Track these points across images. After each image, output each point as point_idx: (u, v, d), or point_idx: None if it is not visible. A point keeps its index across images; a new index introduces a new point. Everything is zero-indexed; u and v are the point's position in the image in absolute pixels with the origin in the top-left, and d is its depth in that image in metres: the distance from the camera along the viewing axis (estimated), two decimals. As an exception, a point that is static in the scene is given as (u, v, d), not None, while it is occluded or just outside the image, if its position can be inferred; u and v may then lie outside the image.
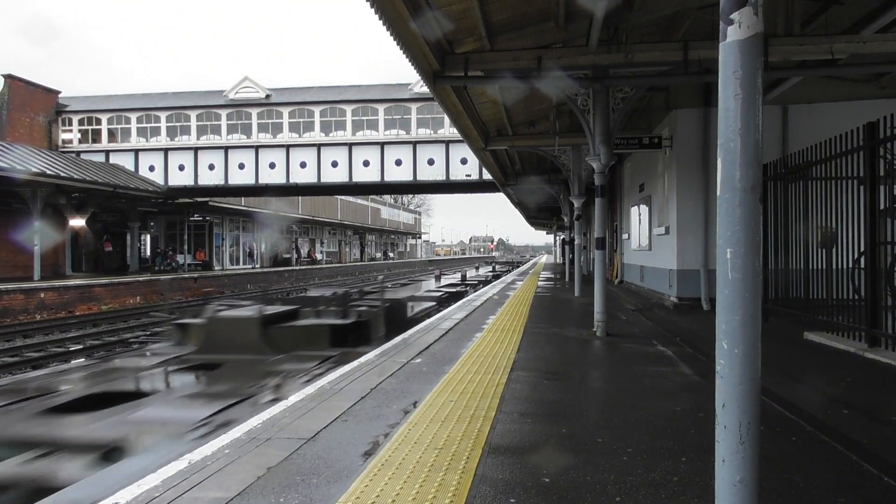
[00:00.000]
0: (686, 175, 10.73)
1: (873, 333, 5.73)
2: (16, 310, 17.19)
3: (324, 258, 48.33)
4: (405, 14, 6.24)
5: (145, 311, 19.78)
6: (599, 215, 7.83)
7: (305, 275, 37.91)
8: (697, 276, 10.50)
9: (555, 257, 52.43)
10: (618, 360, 5.86)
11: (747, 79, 1.76)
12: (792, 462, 2.97)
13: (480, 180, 25.05)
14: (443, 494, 2.50)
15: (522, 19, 7.70)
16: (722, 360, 1.81)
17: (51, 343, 13.79)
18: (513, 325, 7.98)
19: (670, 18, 8.57)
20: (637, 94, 7.76)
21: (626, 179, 17.48)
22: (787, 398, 4.16)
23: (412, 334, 7.14)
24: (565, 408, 4.03)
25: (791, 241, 7.50)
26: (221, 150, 26.49)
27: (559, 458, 2.97)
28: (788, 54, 7.02)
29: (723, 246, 1.80)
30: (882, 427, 3.69)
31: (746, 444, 1.76)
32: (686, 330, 7.95)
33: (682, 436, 3.35)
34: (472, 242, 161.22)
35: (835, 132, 6.28)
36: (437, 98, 9.58)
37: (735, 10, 1.76)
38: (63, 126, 27.62)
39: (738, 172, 1.77)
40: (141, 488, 2.55)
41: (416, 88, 25.20)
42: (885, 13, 7.43)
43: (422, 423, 3.50)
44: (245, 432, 3.31)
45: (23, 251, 21.53)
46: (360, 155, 25.93)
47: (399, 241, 75.70)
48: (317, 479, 2.67)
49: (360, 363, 5.32)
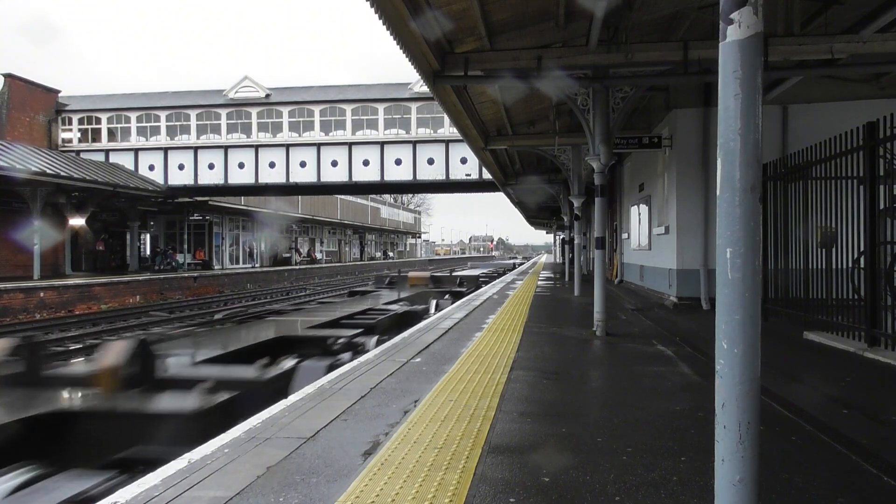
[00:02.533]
0: (686, 175, 10.73)
1: (873, 333, 5.73)
2: (16, 309, 17.19)
3: (323, 258, 48.32)
4: (405, 14, 6.24)
5: (145, 311, 19.77)
6: (599, 215, 7.83)
7: (305, 274, 37.90)
8: (697, 275, 10.50)
9: (554, 257, 52.43)
10: (617, 360, 5.86)
11: (747, 78, 1.76)
12: (791, 462, 2.97)
13: (480, 180, 25.05)
14: (442, 494, 2.50)
15: (522, 19, 7.69)
16: (722, 360, 1.81)
17: (51, 342, 13.78)
18: (512, 325, 7.98)
19: (670, 18, 8.57)
20: (637, 93, 7.76)
21: (626, 179, 17.48)
22: (787, 398, 4.16)
23: (412, 333, 7.14)
24: (565, 407, 4.04)
25: (791, 241, 7.50)
26: (221, 150, 26.48)
27: (559, 458, 2.97)
28: (788, 54, 7.02)
29: (723, 245, 1.80)
30: (882, 427, 3.69)
31: (746, 444, 1.76)
32: (686, 330, 7.95)
33: (681, 435, 3.35)
34: (471, 242, 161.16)
35: (834, 132, 6.28)
36: (436, 98, 9.58)
37: (735, 9, 1.76)
38: (63, 125, 27.60)
39: (738, 172, 1.77)
40: (141, 487, 2.55)
41: (416, 88, 25.19)
42: (884, 13, 7.42)
43: (421, 423, 3.50)
44: (244, 431, 3.31)
45: (22, 250, 21.52)
46: (359, 154, 25.91)
47: (399, 241, 75.70)
48: (316, 479, 2.67)
49: (359, 362, 5.32)
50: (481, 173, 24.31)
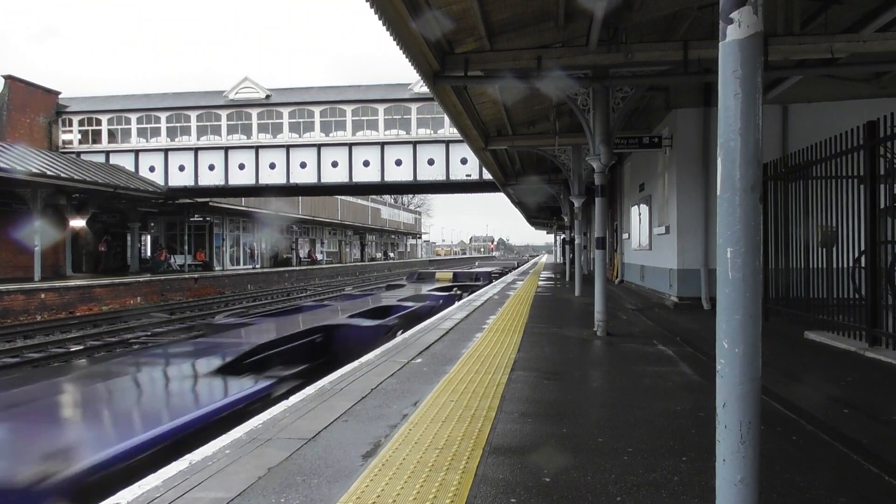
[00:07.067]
0: (686, 174, 10.72)
1: (874, 333, 5.72)
2: (16, 310, 17.19)
3: (324, 258, 48.34)
4: (405, 14, 6.24)
5: (146, 312, 19.78)
6: (599, 215, 7.83)
7: (306, 275, 37.91)
8: (698, 275, 10.50)
9: (555, 257, 52.40)
10: (618, 360, 5.86)
11: (747, 78, 1.76)
12: (793, 461, 2.97)
13: (480, 180, 25.05)
14: (443, 495, 2.50)
15: (522, 19, 7.70)
16: (722, 360, 1.80)
17: (51, 343, 13.79)
18: (513, 325, 7.98)
19: (670, 18, 8.57)
20: (637, 93, 7.76)
21: (627, 179, 17.48)
22: (788, 397, 4.16)
23: (413, 334, 7.15)
24: (566, 407, 4.03)
25: (791, 241, 7.50)
26: (221, 151, 26.48)
27: (560, 458, 2.97)
28: (788, 53, 7.02)
29: (723, 245, 1.80)
30: (883, 426, 3.68)
31: (747, 444, 1.76)
32: (686, 329, 7.95)
33: (682, 435, 3.35)
34: (472, 242, 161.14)
35: (835, 131, 6.28)
36: (437, 98, 9.58)
37: (735, 9, 1.76)
38: (63, 127, 27.61)
39: (738, 172, 1.77)
40: (142, 488, 2.55)
41: (416, 88, 25.19)
42: (884, 12, 7.43)
43: (422, 423, 3.50)
44: (245, 432, 3.31)
45: (23, 252, 21.52)
46: (360, 155, 25.91)
47: (399, 241, 75.69)
48: (317, 480, 2.67)
49: (360, 363, 5.32)
50: (481, 174, 24.31)
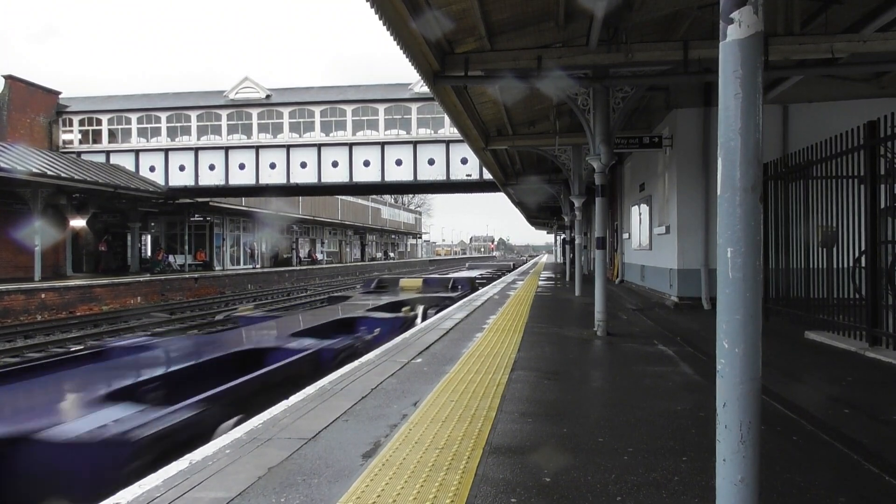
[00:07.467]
0: (686, 174, 10.72)
1: (874, 333, 5.72)
2: (17, 310, 17.19)
3: (324, 258, 48.34)
4: (405, 14, 6.24)
5: (146, 312, 19.77)
6: (600, 215, 7.82)
7: (306, 275, 37.91)
8: (698, 275, 10.50)
9: (555, 257, 52.41)
10: (618, 360, 5.86)
11: (747, 78, 1.76)
12: (793, 461, 2.97)
13: (481, 180, 25.05)
14: (443, 494, 2.50)
15: (522, 19, 7.70)
16: (723, 360, 1.80)
17: (52, 343, 13.80)
18: (513, 325, 7.98)
19: (670, 18, 8.57)
20: (637, 93, 7.76)
21: (627, 179, 17.48)
22: (788, 397, 4.16)
23: (413, 334, 7.15)
24: (566, 407, 4.03)
25: (792, 241, 7.49)
26: (222, 151, 26.48)
27: (560, 458, 2.97)
28: (788, 53, 7.02)
29: (723, 245, 1.80)
30: (883, 426, 3.68)
31: (747, 444, 1.76)
32: (687, 329, 7.95)
33: (682, 435, 3.35)
34: (472, 242, 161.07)
35: (835, 131, 6.27)
36: (437, 98, 9.58)
37: (735, 9, 1.75)
38: (63, 127, 27.62)
39: (739, 172, 1.77)
40: (142, 488, 2.56)
41: (417, 88, 25.19)
42: (885, 12, 7.42)
43: (423, 423, 3.50)
44: (246, 432, 3.31)
45: (23, 251, 21.53)
46: (360, 155, 25.91)
47: (399, 241, 75.69)
48: (317, 480, 2.68)
49: (360, 363, 5.32)
50: (482, 173, 24.30)
